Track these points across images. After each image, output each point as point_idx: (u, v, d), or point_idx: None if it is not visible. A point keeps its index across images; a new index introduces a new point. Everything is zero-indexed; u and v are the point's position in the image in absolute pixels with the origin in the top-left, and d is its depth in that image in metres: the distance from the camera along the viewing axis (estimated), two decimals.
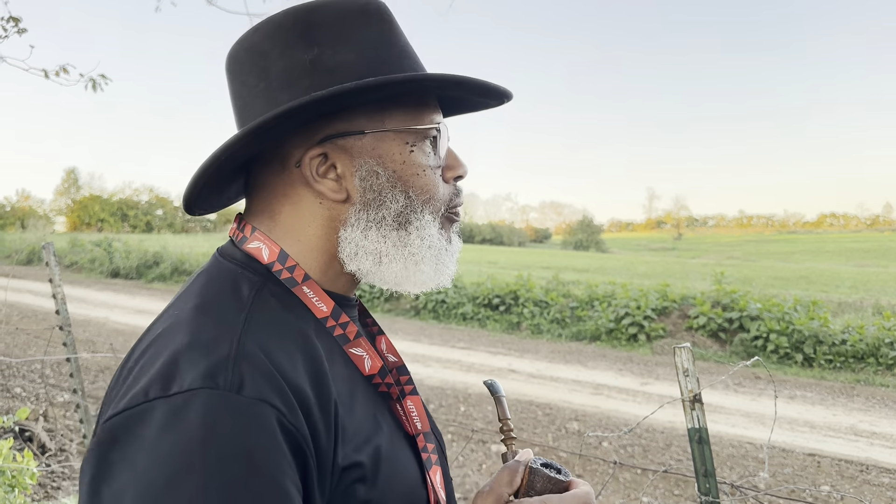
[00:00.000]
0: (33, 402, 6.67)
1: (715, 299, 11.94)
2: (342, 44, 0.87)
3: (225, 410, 0.65)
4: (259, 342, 0.74)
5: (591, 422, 6.87)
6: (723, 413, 7.34)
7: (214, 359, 0.70)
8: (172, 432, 0.64)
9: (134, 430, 0.65)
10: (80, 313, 12.54)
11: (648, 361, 10.34)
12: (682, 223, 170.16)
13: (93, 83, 4.64)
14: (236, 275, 0.86)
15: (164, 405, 0.66)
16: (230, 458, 0.64)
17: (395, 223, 0.89)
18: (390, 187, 0.88)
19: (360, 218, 0.88)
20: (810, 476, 5.53)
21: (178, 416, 0.65)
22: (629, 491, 5.12)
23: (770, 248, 76.34)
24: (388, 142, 0.88)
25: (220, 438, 0.64)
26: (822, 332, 10.28)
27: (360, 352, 0.90)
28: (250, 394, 0.67)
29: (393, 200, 0.89)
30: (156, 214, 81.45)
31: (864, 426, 6.99)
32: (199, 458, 0.63)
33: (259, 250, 0.89)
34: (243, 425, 0.65)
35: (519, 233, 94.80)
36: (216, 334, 0.74)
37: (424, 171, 0.90)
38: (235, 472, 0.63)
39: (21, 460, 3.05)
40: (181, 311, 0.80)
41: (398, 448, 0.88)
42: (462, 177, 0.97)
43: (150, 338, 0.78)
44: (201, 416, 0.65)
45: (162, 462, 0.63)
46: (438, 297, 14.31)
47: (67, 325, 3.45)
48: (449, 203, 0.95)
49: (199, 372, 0.68)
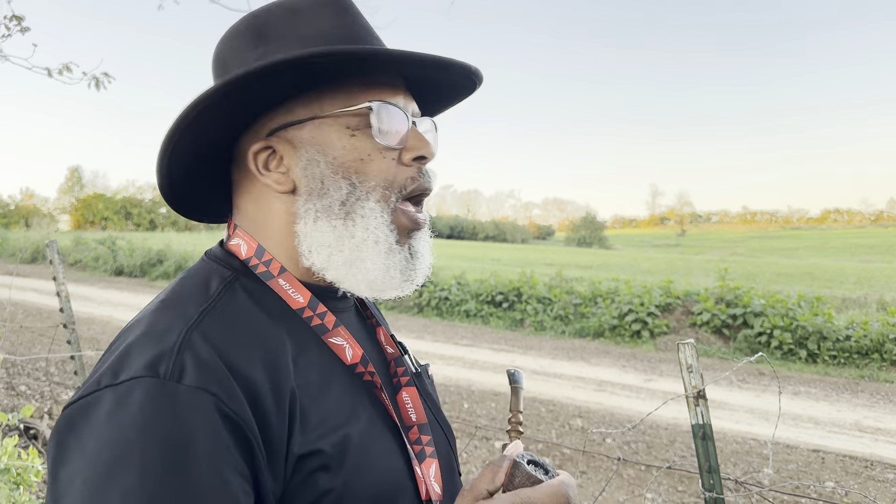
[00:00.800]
0: (38, 399, 6.69)
1: (719, 295, 11.92)
2: (289, 38, 0.88)
3: (163, 398, 0.68)
4: (207, 333, 0.76)
5: (595, 418, 6.87)
6: (727, 409, 7.33)
7: (160, 349, 0.72)
8: (116, 419, 0.67)
9: (87, 417, 0.69)
10: (85, 311, 12.56)
11: (652, 358, 10.33)
12: (686, 219, 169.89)
13: (96, 81, 4.64)
14: (211, 271, 0.89)
15: (111, 393, 0.69)
16: (168, 444, 0.65)
17: (341, 212, 0.87)
18: (332, 175, 0.87)
19: (308, 209, 0.88)
20: (815, 472, 5.52)
21: (121, 403, 0.67)
22: (633, 487, 5.12)
23: (774, 244, 76.22)
24: (326, 128, 0.87)
25: (158, 425, 0.66)
26: (826, 327, 10.25)
27: (341, 341, 0.90)
28: (190, 382, 0.69)
29: (336, 189, 0.87)
30: (159, 212, 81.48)
31: (869, 422, 6.98)
32: (137, 444, 0.65)
33: (238, 246, 0.92)
34: (181, 413, 0.67)
35: (522, 230, 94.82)
36: (168, 326, 0.76)
37: (370, 154, 0.87)
38: (173, 458, 0.65)
39: (26, 458, 3.06)
40: (149, 307, 0.84)
41: (377, 438, 0.86)
42: (424, 157, 0.91)
43: (120, 333, 0.82)
44: (141, 403, 0.67)
45: (105, 447, 0.65)
46: (442, 295, 14.31)
47: (71, 323, 3.45)
48: (405, 187, 0.89)
49: (144, 361, 0.71)
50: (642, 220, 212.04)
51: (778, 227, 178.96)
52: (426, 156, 0.90)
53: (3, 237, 30.82)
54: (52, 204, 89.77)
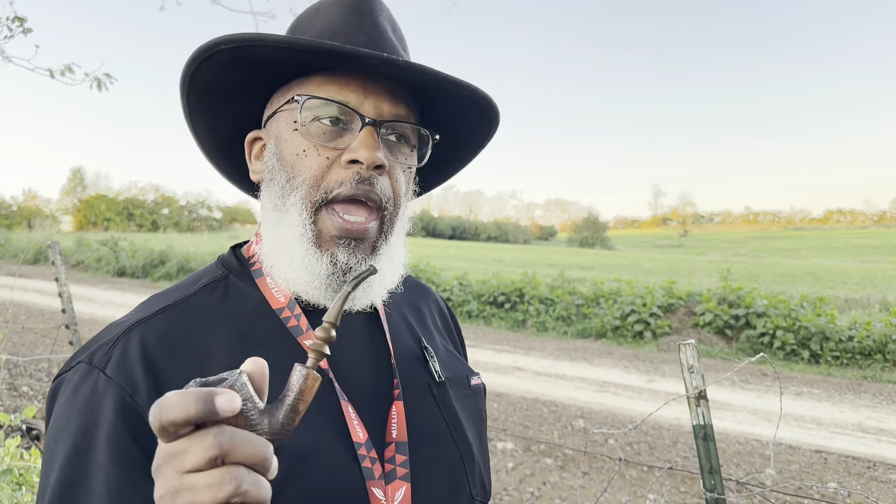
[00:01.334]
0: (40, 400, 6.70)
1: (721, 296, 11.90)
2: (304, 33, 0.91)
3: (85, 383, 0.76)
4: (150, 330, 0.81)
5: (597, 419, 6.86)
6: (729, 410, 7.32)
7: (105, 339, 0.80)
8: (62, 396, 0.77)
9: (57, 391, 0.79)
10: (87, 312, 12.58)
11: (654, 358, 10.32)
12: (688, 220, 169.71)
13: (98, 82, 4.64)
14: (207, 271, 0.94)
15: (70, 373, 0.79)
16: (79, 425, 0.74)
17: (279, 204, 0.87)
18: (278, 166, 0.87)
19: (265, 198, 0.91)
20: (817, 473, 5.51)
21: (67, 383, 0.78)
22: (635, 488, 5.11)
23: (777, 244, 76.12)
24: (281, 121, 0.89)
25: (77, 407, 0.75)
26: (829, 328, 10.24)
27: None
28: (109, 372, 0.76)
29: (277, 181, 0.87)
30: (161, 213, 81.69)
31: (872, 423, 6.97)
32: (62, 420, 0.75)
33: (250, 245, 0.97)
34: (94, 399, 0.75)
35: (524, 230, 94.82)
36: (126, 319, 0.84)
37: (305, 151, 0.85)
38: (79, 438, 0.73)
39: (28, 458, 3.06)
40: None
41: (323, 447, 0.81)
42: (358, 162, 0.83)
43: None
44: (75, 385, 0.77)
45: (53, 419, 0.77)
46: (444, 295, 14.31)
47: (74, 324, 3.46)
48: (331, 190, 0.84)
49: (90, 349, 0.80)
50: (645, 220, 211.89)
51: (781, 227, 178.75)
52: (360, 160, 0.83)
53: (6, 238, 30.88)
54: (54, 205, 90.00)
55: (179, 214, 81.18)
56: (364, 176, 0.84)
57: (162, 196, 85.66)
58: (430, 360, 1.01)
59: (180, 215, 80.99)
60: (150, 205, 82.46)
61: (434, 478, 0.89)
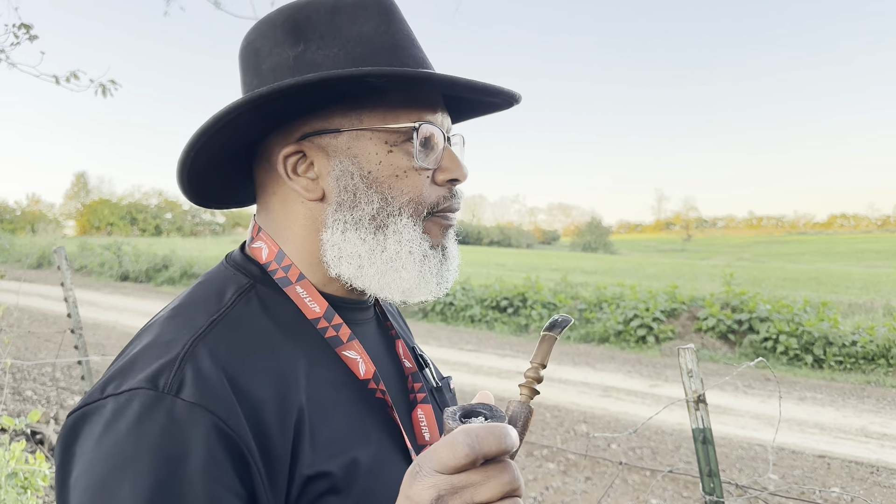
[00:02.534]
0: (44, 404, 6.72)
1: (724, 301, 11.89)
2: (330, 39, 0.85)
3: (159, 412, 0.67)
4: (214, 346, 0.75)
5: (600, 424, 6.86)
6: (732, 415, 7.31)
7: (163, 361, 0.72)
8: (114, 430, 0.67)
9: (89, 425, 0.69)
10: (90, 317, 12.60)
11: (657, 363, 10.31)
12: (692, 224, 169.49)
13: (103, 88, 4.68)
14: (227, 278, 0.88)
15: (113, 402, 0.69)
16: (161, 459, 0.65)
17: (371, 226, 0.86)
18: (365, 188, 0.85)
19: (336, 219, 0.86)
20: (820, 478, 5.50)
21: (120, 413, 0.67)
22: (638, 493, 5.11)
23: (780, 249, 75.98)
24: (364, 141, 0.85)
25: (152, 439, 0.65)
26: (832, 333, 10.22)
27: (354, 355, 0.87)
28: (188, 397, 0.68)
29: (367, 202, 0.85)
30: (165, 218, 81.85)
31: (875, 427, 6.96)
32: (131, 458, 0.64)
33: (260, 250, 0.91)
34: (176, 428, 0.66)
35: (527, 234, 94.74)
36: (174, 337, 0.75)
37: (405, 172, 0.86)
38: (166, 473, 0.64)
39: (33, 462, 3.08)
40: (161, 313, 0.83)
41: (387, 462, 0.82)
42: (457, 180, 0.91)
43: (133, 339, 0.81)
44: (138, 415, 0.67)
45: (103, 458, 0.65)
46: (446, 300, 14.30)
47: (79, 328, 3.48)
48: (437, 206, 0.89)
49: (146, 372, 0.70)
50: (648, 225, 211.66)
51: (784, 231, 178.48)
52: (459, 178, 0.90)
53: (10, 243, 30.95)
54: (57, 210, 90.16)
55: (183, 219, 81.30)
56: (457, 191, 0.92)
57: (165, 201, 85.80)
58: (428, 366, 1.05)
59: (183, 220, 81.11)
60: (154, 209, 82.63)
61: None
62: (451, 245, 0.93)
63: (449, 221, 0.92)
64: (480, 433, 0.58)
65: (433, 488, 0.59)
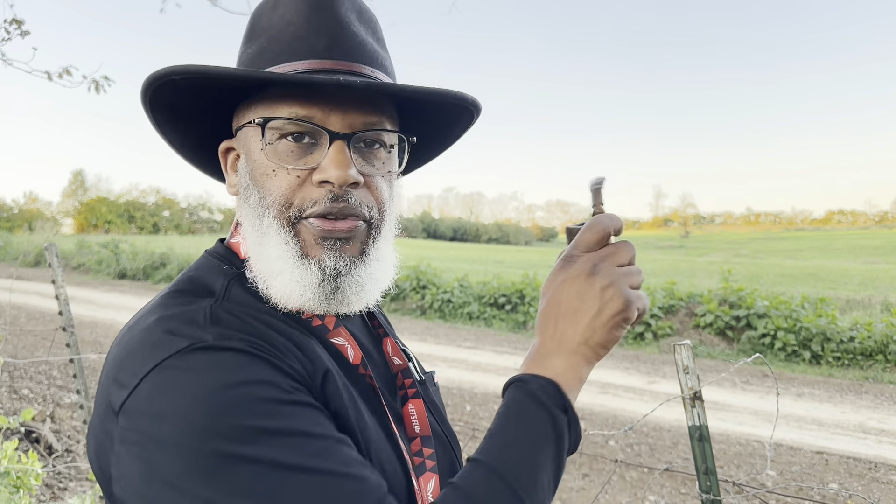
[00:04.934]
0: (40, 403, 6.70)
1: (722, 297, 11.89)
2: (264, 33, 0.87)
3: (219, 355, 0.69)
4: (231, 311, 0.78)
5: (598, 420, 6.85)
6: (730, 411, 7.31)
7: (192, 324, 0.73)
8: (182, 391, 0.67)
9: (151, 407, 0.68)
10: (88, 315, 12.58)
11: (655, 360, 10.31)
12: (690, 221, 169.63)
13: (95, 85, 4.65)
14: (213, 268, 0.88)
15: (161, 371, 0.69)
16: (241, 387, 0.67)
17: (256, 223, 0.85)
18: (252, 184, 0.85)
19: (243, 214, 0.88)
20: (818, 474, 5.49)
21: (180, 372, 0.68)
22: (636, 490, 5.10)
23: (778, 245, 76.08)
24: (249, 137, 0.86)
25: (226, 376, 0.67)
26: (830, 329, 10.22)
27: (342, 341, 0.88)
28: (237, 339, 0.72)
29: (252, 198, 0.85)
30: (162, 216, 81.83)
31: (873, 424, 6.95)
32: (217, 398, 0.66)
33: (239, 244, 0.91)
34: (242, 361, 0.69)
35: (525, 232, 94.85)
36: (189, 308, 0.77)
37: (275, 170, 0.83)
38: (256, 392, 0.67)
39: (26, 461, 3.06)
40: (153, 301, 0.84)
41: (380, 442, 0.84)
42: (329, 182, 0.82)
43: (123, 330, 0.80)
44: (203, 364, 0.68)
45: (190, 420, 0.65)
46: (444, 297, 14.30)
47: (71, 326, 3.45)
48: (303, 209, 0.83)
49: (181, 335, 0.71)
50: (646, 221, 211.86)
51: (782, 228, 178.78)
52: (331, 180, 0.81)
53: (7, 241, 30.89)
54: (55, 208, 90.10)
55: (180, 217, 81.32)
56: (338, 194, 0.82)
57: (163, 198, 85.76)
58: (412, 360, 1.05)
59: (181, 217, 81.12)
60: (151, 207, 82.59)
61: (445, 470, 0.93)
62: (339, 264, 0.84)
63: (325, 232, 0.83)
64: (604, 219, 0.84)
65: (588, 262, 0.83)
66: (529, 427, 0.76)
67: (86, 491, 4.07)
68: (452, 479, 0.75)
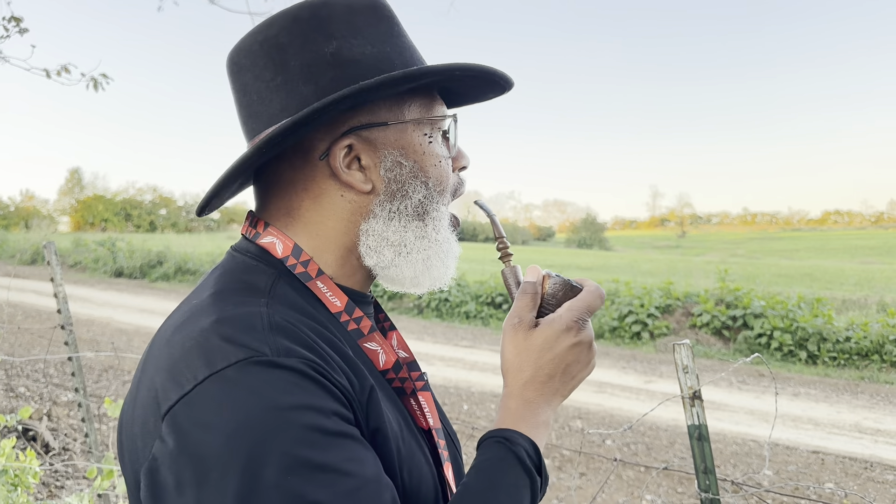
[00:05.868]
0: (37, 401, 6.69)
1: (719, 297, 11.91)
2: (357, 37, 0.87)
3: (275, 373, 0.68)
4: (286, 317, 0.77)
5: (595, 420, 6.86)
6: (727, 411, 7.32)
7: (250, 332, 0.72)
8: (235, 406, 0.66)
9: (199, 416, 0.67)
10: (84, 313, 12.56)
11: (652, 359, 10.32)
12: (686, 221, 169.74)
13: (94, 82, 4.64)
14: (251, 267, 0.87)
15: (217, 381, 0.68)
16: (291, 412, 0.66)
17: (415, 213, 0.91)
18: (412, 178, 0.90)
19: (384, 209, 0.90)
20: (814, 473, 5.51)
21: (235, 386, 0.67)
22: (632, 489, 5.11)
23: (774, 245, 76.17)
24: (409, 133, 0.90)
25: (279, 398, 0.67)
26: (826, 329, 10.25)
27: (375, 346, 0.89)
28: (295, 356, 0.71)
29: (415, 191, 0.90)
30: (159, 214, 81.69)
31: (869, 423, 6.97)
32: (265, 420, 0.65)
33: (273, 244, 0.89)
34: (295, 382, 0.69)
35: (522, 231, 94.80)
36: (242, 311, 0.76)
37: (440, 161, 0.93)
38: (304, 419, 0.67)
39: (24, 459, 3.06)
40: (199, 301, 0.81)
41: (412, 444, 0.86)
42: (466, 167, 0.99)
43: (171, 329, 0.79)
44: (259, 381, 0.67)
45: (235, 437, 0.65)
46: (441, 296, 14.30)
47: (69, 325, 3.45)
48: (456, 193, 0.98)
49: (240, 344, 0.70)
50: (642, 221, 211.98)
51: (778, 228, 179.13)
52: (467, 166, 0.99)
53: (3, 239, 30.81)
54: (51, 205, 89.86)
55: (177, 215, 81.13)
56: (463, 179, 1.01)
57: (160, 197, 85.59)
58: None
59: (178, 216, 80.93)
60: (148, 205, 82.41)
61: (454, 461, 0.97)
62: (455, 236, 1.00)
63: (458, 220, 1.00)
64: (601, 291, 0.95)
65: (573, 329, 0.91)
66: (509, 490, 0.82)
67: (83, 489, 4.07)
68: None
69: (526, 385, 0.91)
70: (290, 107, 0.85)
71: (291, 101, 0.85)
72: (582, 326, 0.91)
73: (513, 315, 0.94)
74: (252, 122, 0.90)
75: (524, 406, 0.90)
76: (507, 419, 0.89)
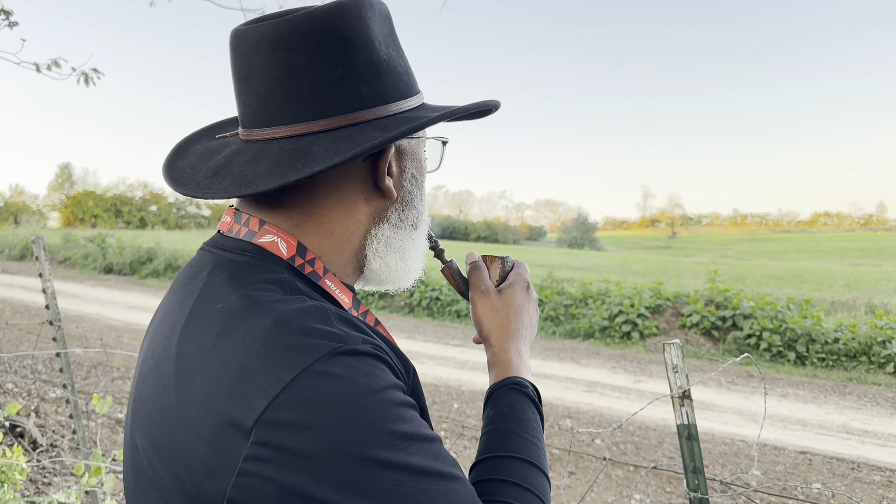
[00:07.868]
0: (25, 397, 6.64)
1: (708, 297, 11.96)
2: (393, 46, 0.91)
3: (359, 360, 0.71)
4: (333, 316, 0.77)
5: (584, 419, 6.88)
6: (716, 411, 7.36)
7: (323, 325, 0.73)
8: (334, 397, 0.67)
9: (298, 416, 0.65)
10: (73, 309, 12.49)
11: (642, 359, 10.36)
12: (677, 221, 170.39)
13: (85, 77, 4.61)
14: (260, 267, 0.83)
15: (307, 377, 0.67)
16: (383, 392, 0.70)
17: (412, 224, 0.97)
18: (418, 190, 0.97)
19: (396, 216, 0.95)
20: (802, 474, 5.55)
21: (327, 378, 0.67)
22: (621, 488, 5.13)
23: (764, 246, 76.56)
24: (420, 148, 0.97)
25: (370, 381, 0.69)
26: (815, 330, 10.31)
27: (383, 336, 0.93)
28: (367, 343, 0.74)
29: (419, 202, 0.98)
30: (150, 210, 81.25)
31: (856, 424, 7.02)
32: (364, 405, 0.67)
33: (274, 244, 0.85)
34: (376, 365, 0.72)
35: (514, 230, 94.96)
36: (305, 307, 0.75)
37: (426, 178, 1.00)
38: (394, 398, 0.71)
39: (11, 455, 3.04)
40: (227, 305, 0.77)
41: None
42: None
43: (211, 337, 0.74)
44: (348, 370, 0.69)
45: (343, 428, 0.65)
46: (433, 295, 14.30)
47: (57, 320, 3.43)
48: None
49: (318, 338, 0.70)
50: (633, 221, 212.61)
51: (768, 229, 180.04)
52: None
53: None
54: (41, 201, 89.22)
55: (168, 212, 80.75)
56: None
57: (150, 193, 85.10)
58: None
59: (168, 212, 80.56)
60: (139, 202, 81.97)
61: None
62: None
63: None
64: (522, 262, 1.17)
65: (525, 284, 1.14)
66: (537, 425, 0.96)
67: (70, 486, 4.05)
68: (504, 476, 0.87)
69: (511, 338, 1.06)
70: (348, 103, 0.84)
71: (349, 98, 0.84)
72: (530, 287, 1.13)
73: (477, 286, 1.10)
74: (293, 108, 0.84)
75: (517, 356, 1.05)
76: (510, 369, 1.03)
